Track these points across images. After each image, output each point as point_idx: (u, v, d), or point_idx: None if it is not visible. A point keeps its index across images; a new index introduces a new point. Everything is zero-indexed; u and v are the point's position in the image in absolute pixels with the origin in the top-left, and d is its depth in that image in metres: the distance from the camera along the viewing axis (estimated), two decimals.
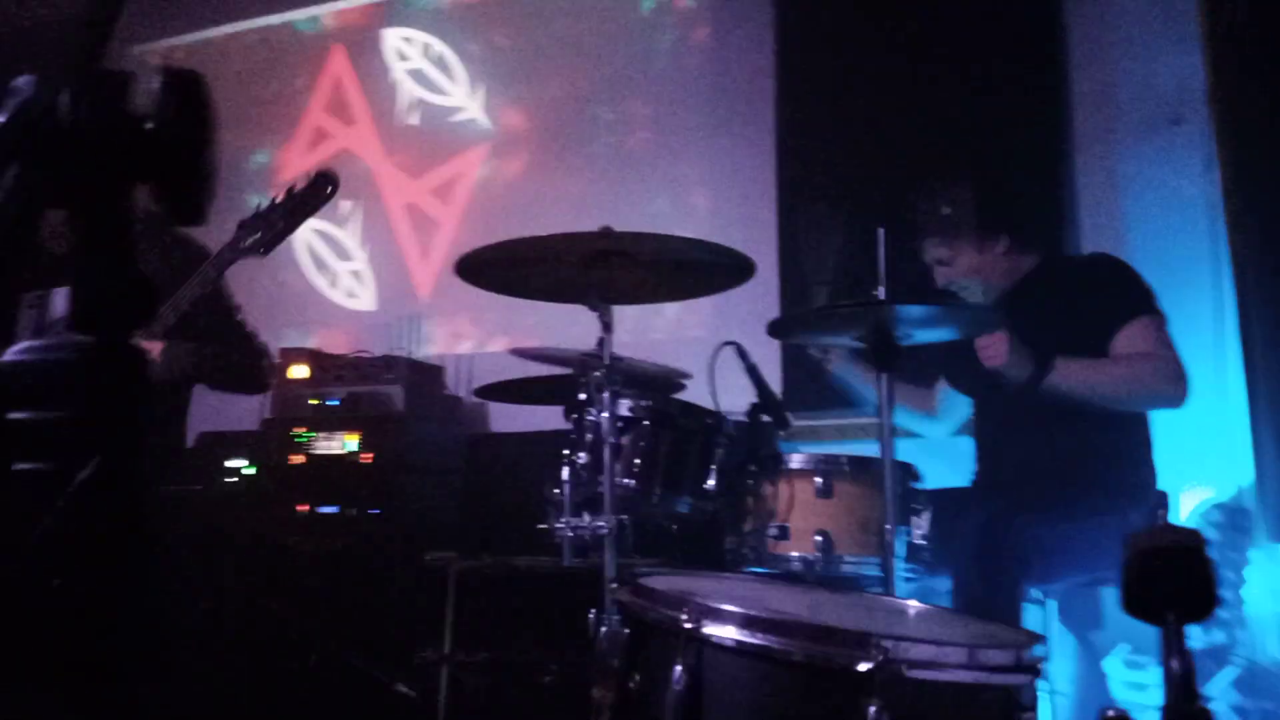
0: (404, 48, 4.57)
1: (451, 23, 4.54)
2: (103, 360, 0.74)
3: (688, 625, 1.31)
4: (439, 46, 4.50)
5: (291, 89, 4.78)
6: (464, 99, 4.45)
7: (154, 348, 2.45)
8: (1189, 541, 1.10)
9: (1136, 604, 1.00)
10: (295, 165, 4.64)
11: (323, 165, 2.60)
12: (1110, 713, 1.09)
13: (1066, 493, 2.30)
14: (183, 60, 4.89)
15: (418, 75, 4.52)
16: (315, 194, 2.44)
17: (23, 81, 0.75)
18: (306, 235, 4.50)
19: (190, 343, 2.49)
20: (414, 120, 4.52)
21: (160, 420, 2.56)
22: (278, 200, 2.45)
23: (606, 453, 2.12)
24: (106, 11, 0.79)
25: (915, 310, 2.09)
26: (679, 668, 1.30)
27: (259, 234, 2.42)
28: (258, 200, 2.53)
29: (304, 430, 3.26)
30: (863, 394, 2.70)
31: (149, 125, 0.75)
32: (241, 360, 2.68)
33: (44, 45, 4.56)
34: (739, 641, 1.28)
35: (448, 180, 4.42)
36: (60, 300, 2.36)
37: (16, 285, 0.64)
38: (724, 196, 3.94)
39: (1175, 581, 1.07)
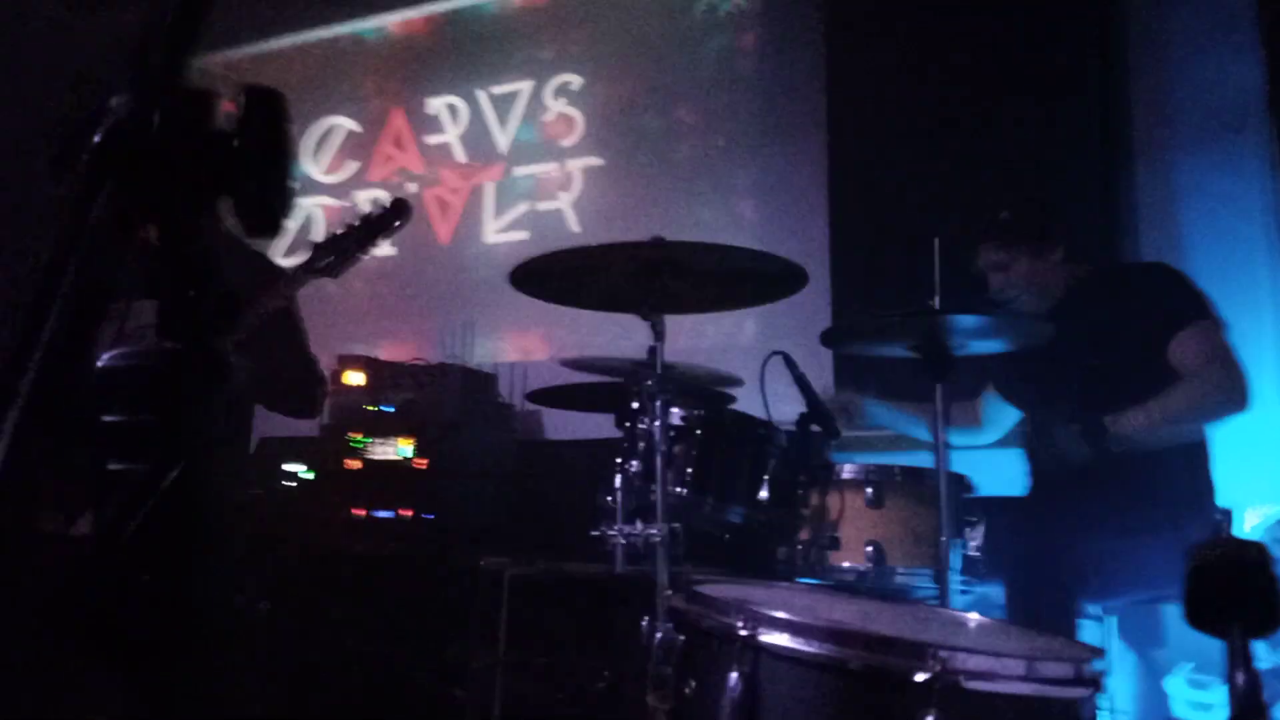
0: (447, 110, 4.65)
1: (501, 28, 4.61)
2: (189, 366, 0.77)
3: (744, 633, 1.31)
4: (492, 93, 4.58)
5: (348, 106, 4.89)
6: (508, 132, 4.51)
7: None
8: (1254, 554, 1.09)
9: (1200, 617, 0.99)
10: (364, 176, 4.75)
11: (398, 194, 2.66)
12: None
13: (1123, 506, 2.27)
14: (248, 72, 5.04)
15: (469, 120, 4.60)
16: (388, 220, 2.51)
17: (116, 101, 0.78)
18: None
19: (249, 361, 2.54)
20: (459, 150, 4.60)
21: (230, 427, 2.60)
22: (354, 225, 2.52)
23: (659, 461, 2.14)
24: (189, 28, 0.82)
25: (969, 320, 2.08)
26: (735, 675, 1.30)
27: (332, 256, 2.48)
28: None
29: (360, 436, 3.31)
30: (906, 429, 2.69)
31: (230, 140, 0.78)
32: (297, 385, 2.70)
33: (119, 60, 4.71)
34: (795, 650, 1.28)
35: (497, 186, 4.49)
36: (142, 311, 2.42)
37: (112, 297, 0.68)
38: (774, 206, 3.95)
39: (1240, 594, 1.05)
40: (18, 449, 0.60)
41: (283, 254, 4.83)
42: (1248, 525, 2.69)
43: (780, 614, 1.31)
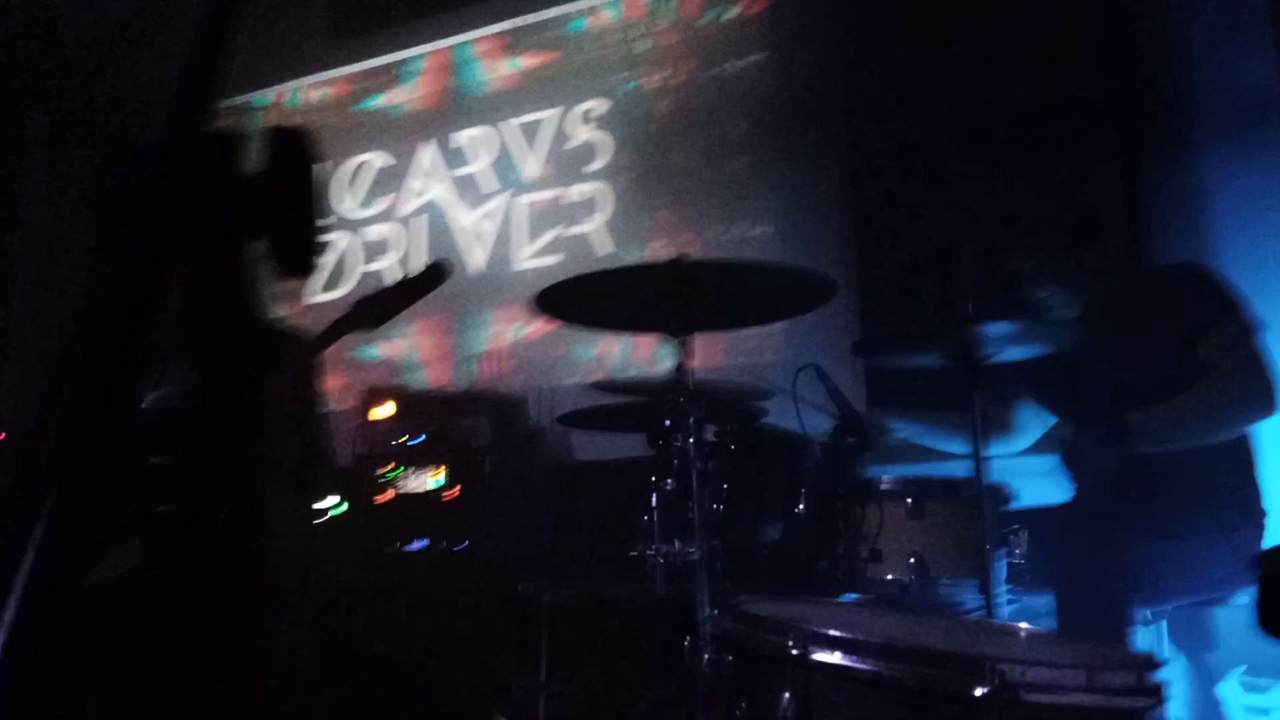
0: (475, 141, 4.69)
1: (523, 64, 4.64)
2: (228, 405, 0.76)
3: (795, 652, 1.29)
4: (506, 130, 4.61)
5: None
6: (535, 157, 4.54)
7: None
8: None
9: (1272, 621, 0.95)
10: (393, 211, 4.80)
11: (438, 257, 2.78)
12: None
13: (1170, 510, 2.23)
14: (283, 113, 5.12)
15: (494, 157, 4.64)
16: (427, 281, 2.62)
17: (145, 145, 0.79)
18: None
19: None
20: (471, 185, 4.64)
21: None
22: (394, 286, 2.62)
23: (694, 479, 2.12)
24: (206, 72, 0.82)
25: (1001, 327, 2.05)
26: (787, 695, 1.28)
27: (372, 311, 2.58)
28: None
29: (390, 469, 3.32)
30: (936, 443, 2.66)
31: (257, 183, 0.78)
32: (291, 458, 2.71)
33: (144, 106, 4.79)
34: (849, 667, 1.26)
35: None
36: (179, 375, 2.44)
37: (144, 344, 0.68)
38: (789, 220, 3.93)
39: None
40: (62, 493, 0.60)
41: (321, 288, 4.89)
42: None
43: (831, 631, 1.29)
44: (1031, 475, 2.53)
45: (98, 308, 0.71)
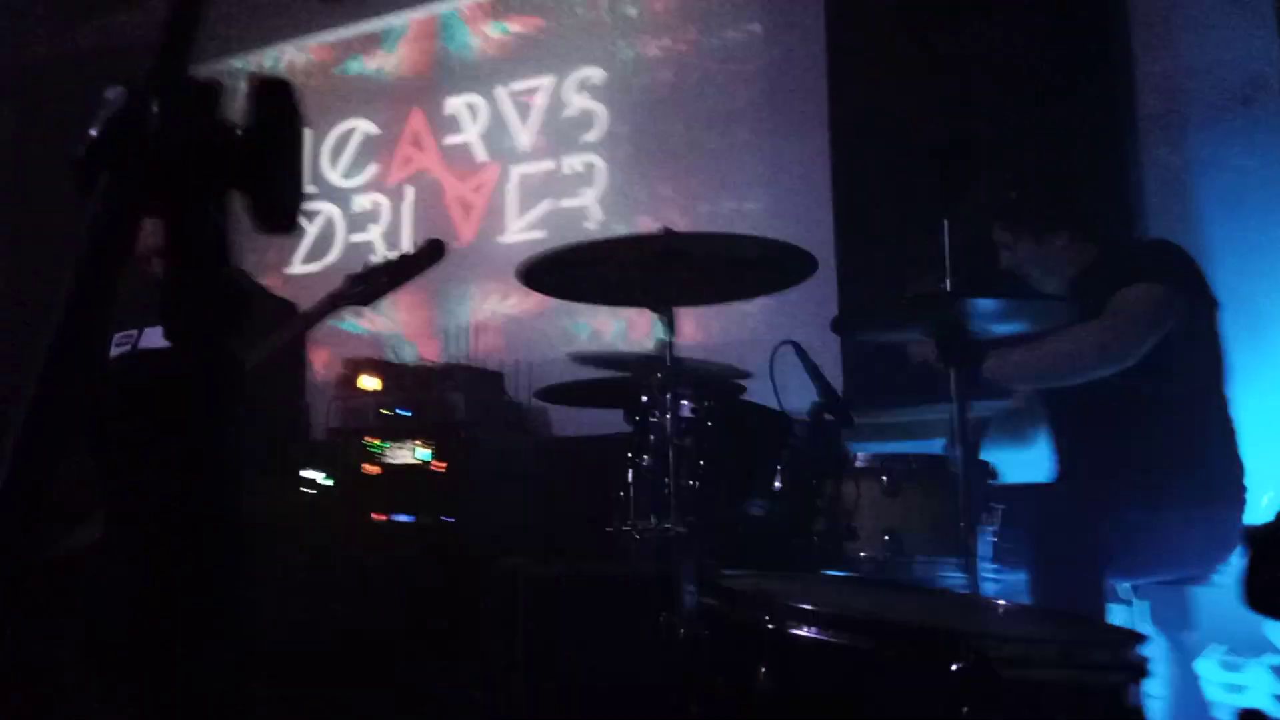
0: (467, 109, 4.63)
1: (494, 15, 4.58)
2: (202, 371, 0.74)
3: (772, 627, 1.28)
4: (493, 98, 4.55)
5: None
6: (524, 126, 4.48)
7: None
8: None
9: (1259, 598, 0.95)
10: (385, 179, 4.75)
11: (434, 237, 2.73)
12: (1246, 711, 1.04)
13: (1149, 485, 2.23)
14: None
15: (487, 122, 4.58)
16: (423, 259, 2.60)
17: (112, 93, 0.76)
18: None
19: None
20: (462, 154, 4.58)
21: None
22: (389, 260, 2.59)
23: (671, 456, 2.11)
24: (187, 22, 0.79)
25: (984, 303, 2.04)
26: (764, 670, 1.27)
27: (363, 288, 2.54)
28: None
29: (377, 440, 3.30)
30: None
31: (239, 132, 0.75)
32: (275, 441, 2.66)
33: (111, 65, 4.69)
34: (826, 642, 1.25)
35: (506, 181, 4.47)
36: (149, 337, 2.41)
37: (113, 301, 0.65)
38: (779, 196, 3.91)
39: None
40: (28, 456, 0.57)
41: (301, 260, 4.82)
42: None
43: (807, 606, 1.28)
44: (1013, 452, 2.54)
45: (74, 262, 0.68)
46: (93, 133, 0.73)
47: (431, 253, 2.61)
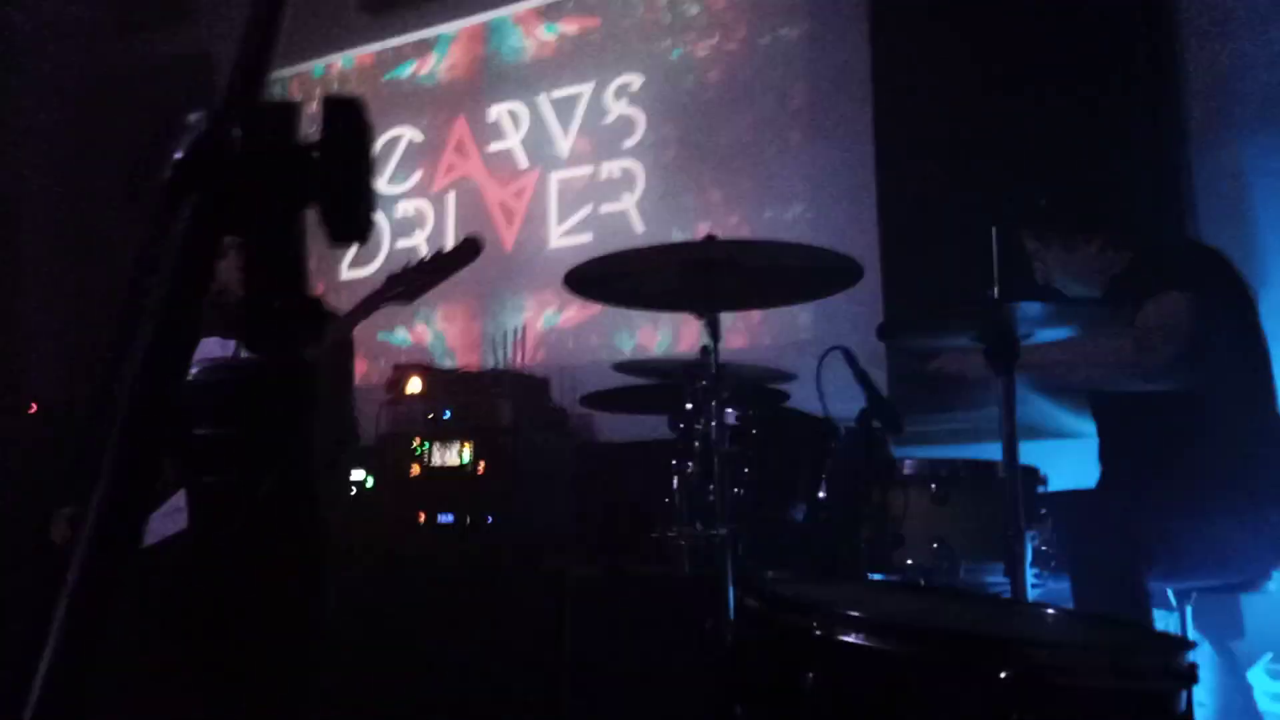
0: (509, 116, 4.68)
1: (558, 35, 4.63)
2: (276, 378, 0.77)
3: (819, 633, 1.30)
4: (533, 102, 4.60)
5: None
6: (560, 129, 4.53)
7: None
8: None
9: None
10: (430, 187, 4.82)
11: (471, 232, 2.76)
12: None
13: (1195, 490, 2.21)
14: (315, 85, 5.13)
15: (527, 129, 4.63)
16: (461, 256, 2.61)
17: (195, 117, 0.79)
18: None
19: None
20: (505, 160, 4.64)
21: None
22: (425, 258, 2.61)
23: (716, 462, 2.13)
24: (265, 43, 0.83)
25: (1031, 308, 2.04)
26: (811, 675, 1.29)
27: (404, 286, 2.57)
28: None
29: (420, 442, 3.35)
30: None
31: (315, 152, 0.79)
32: (326, 442, 2.72)
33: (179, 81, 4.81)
34: (873, 649, 1.26)
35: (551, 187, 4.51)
36: (205, 347, 2.46)
37: (199, 311, 0.68)
38: (824, 203, 3.91)
39: None
40: (122, 467, 0.61)
41: (348, 266, 4.91)
42: None
43: (855, 613, 1.30)
44: (1059, 459, 2.52)
45: (160, 279, 0.72)
46: (178, 156, 0.77)
47: (469, 249, 2.63)
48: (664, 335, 4.08)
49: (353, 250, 4.90)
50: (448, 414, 3.39)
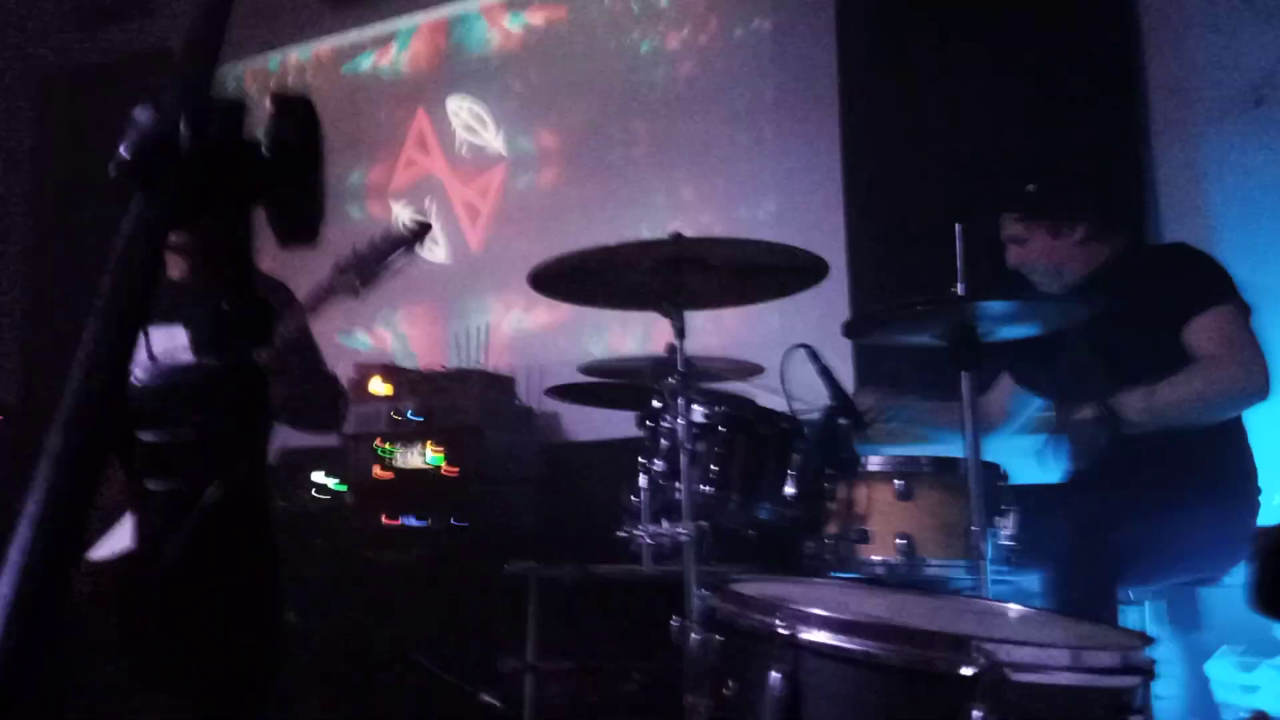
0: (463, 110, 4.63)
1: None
2: (228, 382, 0.76)
3: (783, 631, 1.29)
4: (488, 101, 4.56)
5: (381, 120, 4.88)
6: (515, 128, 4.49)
7: None
8: None
9: (1268, 600, 0.96)
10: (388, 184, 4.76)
11: (417, 212, 2.67)
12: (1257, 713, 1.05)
13: (1164, 488, 2.23)
14: (270, 80, 5.04)
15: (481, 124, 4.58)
16: (408, 238, 2.52)
17: (141, 113, 0.77)
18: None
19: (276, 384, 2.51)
20: (469, 156, 4.59)
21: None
22: (374, 241, 2.51)
23: (683, 460, 2.12)
24: (211, 41, 0.81)
25: (996, 306, 2.05)
26: (776, 674, 1.29)
27: (353, 272, 2.48)
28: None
29: (388, 445, 3.31)
30: (927, 430, 2.65)
31: (264, 150, 0.77)
32: (322, 403, 2.68)
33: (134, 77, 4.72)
34: (838, 647, 1.26)
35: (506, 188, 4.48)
36: (168, 336, 2.40)
37: (145, 316, 0.66)
38: (791, 200, 3.91)
39: None
40: (64, 470, 0.59)
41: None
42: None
43: (820, 611, 1.30)
44: (1021, 455, 2.54)
45: (107, 278, 0.70)
46: (124, 154, 0.75)
47: (415, 231, 2.54)
48: (634, 339, 4.05)
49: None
50: (410, 413, 3.36)
